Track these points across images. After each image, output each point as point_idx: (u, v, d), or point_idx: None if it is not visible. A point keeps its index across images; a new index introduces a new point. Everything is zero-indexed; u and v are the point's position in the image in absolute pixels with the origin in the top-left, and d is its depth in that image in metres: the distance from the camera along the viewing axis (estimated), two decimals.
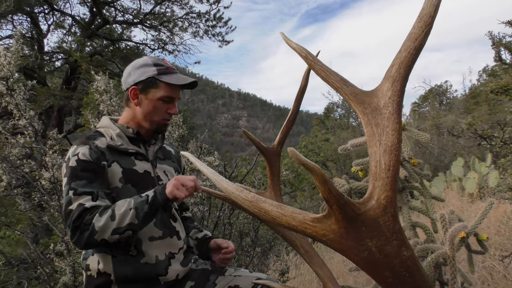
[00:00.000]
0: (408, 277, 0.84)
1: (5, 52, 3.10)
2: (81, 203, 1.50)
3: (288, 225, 0.85)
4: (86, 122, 3.78)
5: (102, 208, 1.51)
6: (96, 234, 1.47)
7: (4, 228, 4.70)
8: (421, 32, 0.86)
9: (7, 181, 3.37)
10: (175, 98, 1.78)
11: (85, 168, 1.57)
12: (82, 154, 1.59)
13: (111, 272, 1.63)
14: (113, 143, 1.68)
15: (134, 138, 1.77)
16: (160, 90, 1.72)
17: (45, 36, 10.69)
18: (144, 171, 1.73)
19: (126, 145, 1.72)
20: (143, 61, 1.78)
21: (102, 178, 1.60)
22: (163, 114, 1.76)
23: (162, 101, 1.74)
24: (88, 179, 1.56)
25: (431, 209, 2.12)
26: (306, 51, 1.00)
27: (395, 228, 0.83)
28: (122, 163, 1.67)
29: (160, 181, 1.78)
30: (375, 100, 0.92)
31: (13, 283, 3.93)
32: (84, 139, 1.67)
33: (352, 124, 21.25)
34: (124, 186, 1.66)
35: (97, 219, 1.47)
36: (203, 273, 1.85)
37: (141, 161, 1.75)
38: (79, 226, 1.48)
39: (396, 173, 0.85)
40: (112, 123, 1.77)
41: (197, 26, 12.07)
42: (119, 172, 1.65)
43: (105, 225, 1.47)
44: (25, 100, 3.30)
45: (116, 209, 1.50)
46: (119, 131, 1.73)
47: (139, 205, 1.52)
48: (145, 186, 1.71)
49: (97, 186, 1.57)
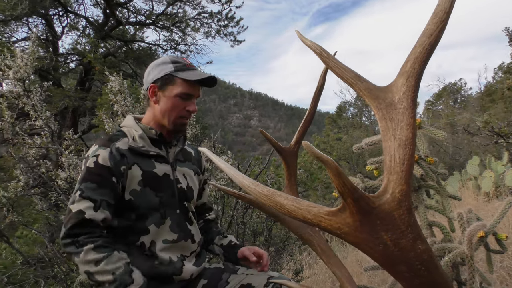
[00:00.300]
0: (424, 271, 0.84)
1: (21, 54, 3.16)
2: (82, 210, 1.51)
3: (303, 219, 0.85)
4: (100, 122, 3.82)
5: (100, 243, 1.50)
6: (76, 258, 1.48)
7: (21, 228, 4.78)
8: (436, 27, 0.86)
9: (24, 181, 3.44)
10: (193, 95, 1.76)
11: (100, 173, 1.58)
12: (101, 158, 1.60)
13: None
14: (134, 145, 1.68)
15: (156, 140, 1.77)
16: (177, 87, 1.72)
17: (60, 38, 10.86)
18: (163, 173, 1.73)
19: (148, 147, 1.72)
20: (161, 59, 1.79)
21: (113, 186, 1.60)
22: (181, 111, 1.75)
23: (180, 98, 1.72)
24: (99, 183, 1.57)
25: (448, 208, 2.08)
26: (321, 48, 1.00)
27: (410, 221, 0.83)
28: (142, 165, 1.68)
29: (178, 184, 1.78)
30: (389, 95, 0.92)
31: (30, 282, 3.99)
32: (107, 140, 1.67)
33: (365, 123, 21.13)
34: (142, 189, 1.66)
35: (88, 252, 1.47)
36: (216, 272, 1.87)
37: (161, 163, 1.74)
38: (73, 241, 1.48)
39: (410, 167, 0.85)
40: (136, 123, 1.76)
41: (209, 26, 12.14)
42: (138, 175, 1.66)
43: (88, 262, 1.47)
44: (42, 101, 3.36)
45: (105, 261, 1.48)
46: (142, 132, 1.72)
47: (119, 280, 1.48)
48: (163, 189, 1.72)
49: (104, 194, 1.57)
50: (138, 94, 4.09)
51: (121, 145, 1.66)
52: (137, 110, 3.48)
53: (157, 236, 1.69)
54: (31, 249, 4.44)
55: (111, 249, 1.52)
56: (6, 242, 3.66)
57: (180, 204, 1.78)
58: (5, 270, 4.13)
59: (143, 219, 1.67)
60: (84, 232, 1.50)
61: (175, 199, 1.76)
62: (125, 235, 1.68)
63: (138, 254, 1.67)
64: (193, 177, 1.90)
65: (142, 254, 1.67)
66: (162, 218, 1.71)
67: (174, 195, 1.76)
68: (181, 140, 1.88)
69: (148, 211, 1.68)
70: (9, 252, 4.26)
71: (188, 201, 1.84)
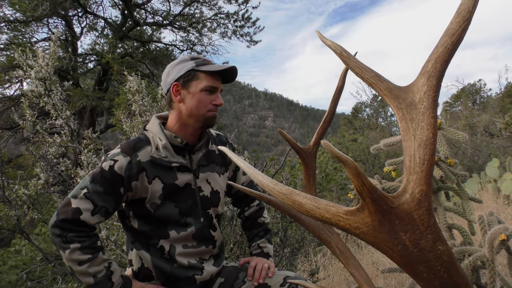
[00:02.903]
0: (444, 272, 0.83)
1: (43, 54, 3.23)
2: (80, 209, 1.52)
3: (321, 218, 0.85)
4: (118, 122, 3.88)
5: (86, 244, 1.52)
6: (62, 252, 1.51)
7: (40, 225, 4.88)
8: (459, 27, 0.85)
9: (44, 179, 3.50)
10: (217, 87, 1.72)
11: (111, 180, 1.58)
12: (118, 166, 1.58)
13: (152, 269, 1.69)
14: (157, 156, 1.65)
15: (180, 148, 1.73)
16: (201, 81, 1.68)
17: (79, 39, 11.06)
18: (184, 184, 1.71)
19: (170, 157, 1.68)
20: (180, 58, 1.76)
21: (118, 196, 1.61)
22: (209, 105, 1.70)
23: (206, 92, 1.69)
24: (106, 189, 1.57)
25: (468, 211, 2.05)
26: (341, 48, 1.00)
27: (429, 222, 0.82)
28: (164, 178, 1.66)
29: (201, 192, 1.77)
30: (410, 95, 0.91)
31: (48, 279, 4.08)
32: (131, 147, 1.65)
33: (381, 124, 20.91)
34: (162, 202, 1.67)
35: (74, 251, 1.50)
36: (233, 270, 1.88)
37: (183, 173, 1.71)
38: (61, 235, 1.51)
39: (431, 168, 0.84)
40: (161, 129, 1.71)
41: (226, 26, 12.20)
42: (159, 189, 1.65)
43: (72, 261, 1.50)
44: (62, 100, 3.42)
45: (89, 263, 1.51)
46: (166, 142, 1.68)
47: (99, 285, 1.53)
48: (184, 199, 1.72)
49: (107, 201, 1.57)
50: (155, 94, 4.13)
51: (143, 156, 1.64)
52: (154, 109, 3.51)
53: (177, 242, 1.71)
54: (49, 246, 4.53)
55: (96, 251, 1.55)
56: (26, 238, 3.74)
57: (203, 212, 1.77)
58: (24, 266, 4.23)
59: (164, 226, 1.69)
60: (74, 230, 1.52)
61: (197, 208, 1.75)
62: (145, 237, 1.71)
63: (158, 256, 1.70)
64: (218, 180, 1.86)
65: (161, 257, 1.70)
66: (183, 226, 1.71)
67: (197, 204, 1.75)
68: (204, 144, 1.82)
69: (169, 220, 1.69)
70: (29, 248, 4.36)
71: (213, 206, 1.82)
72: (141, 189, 1.63)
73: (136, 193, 1.63)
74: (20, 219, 3.41)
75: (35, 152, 3.64)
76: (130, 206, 1.70)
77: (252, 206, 2.08)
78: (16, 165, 10.00)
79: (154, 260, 1.68)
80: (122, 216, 1.76)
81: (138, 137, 1.73)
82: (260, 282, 1.79)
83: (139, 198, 1.65)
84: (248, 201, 2.08)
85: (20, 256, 4.32)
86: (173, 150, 1.70)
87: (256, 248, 2.00)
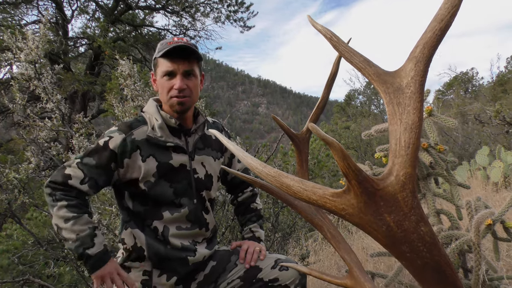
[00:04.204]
0: (426, 252, 0.86)
1: (33, 36, 3.19)
2: (71, 175, 1.59)
3: (308, 200, 0.87)
4: (110, 107, 3.85)
5: (74, 203, 1.58)
6: (51, 210, 1.58)
7: (32, 209, 4.86)
8: (447, 13, 0.86)
9: (35, 163, 3.49)
10: (174, 71, 1.69)
11: (104, 154, 1.64)
12: (113, 142, 1.65)
13: (145, 248, 1.71)
14: (153, 135, 1.70)
15: (176, 129, 1.77)
16: (160, 67, 1.72)
17: (69, 22, 10.88)
18: (179, 164, 1.75)
19: (166, 137, 1.73)
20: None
21: (109, 171, 1.66)
22: (171, 91, 1.71)
23: (166, 77, 1.70)
24: (98, 162, 1.63)
25: (456, 196, 2.08)
26: (331, 33, 1.01)
27: (413, 204, 0.85)
28: (158, 156, 1.70)
29: (195, 174, 1.80)
30: (397, 80, 0.92)
31: (40, 263, 4.09)
32: (127, 126, 1.70)
33: (374, 111, 20.97)
34: (157, 181, 1.69)
35: (61, 208, 1.57)
36: (225, 254, 1.91)
37: (179, 153, 1.75)
38: (51, 193, 1.59)
39: (416, 151, 0.86)
40: (157, 110, 1.75)
41: (219, 11, 12.06)
42: (153, 167, 1.68)
43: (58, 217, 1.57)
44: (52, 84, 3.39)
45: (74, 221, 1.56)
46: (161, 122, 1.72)
47: (80, 241, 1.57)
48: (178, 179, 1.74)
49: (97, 174, 1.63)
50: (147, 80, 4.11)
51: (138, 135, 1.69)
52: (146, 94, 3.49)
53: (170, 223, 1.73)
54: (41, 231, 4.53)
55: (82, 211, 1.60)
56: (18, 223, 3.73)
57: (197, 194, 1.80)
58: (16, 250, 4.23)
59: (158, 207, 1.72)
60: (63, 190, 1.59)
61: (192, 190, 1.78)
62: (140, 217, 1.73)
63: (152, 236, 1.72)
64: (212, 164, 1.89)
65: (155, 237, 1.72)
66: (177, 207, 1.74)
67: (191, 185, 1.78)
68: (200, 128, 1.85)
69: (163, 200, 1.72)
70: (20, 233, 4.35)
71: (207, 189, 1.85)
72: (132, 168, 1.66)
73: (127, 172, 1.67)
74: (11, 203, 3.40)
75: (26, 136, 3.62)
76: (125, 186, 1.72)
77: (245, 192, 2.11)
78: (7, 150, 9.94)
79: (148, 240, 1.71)
80: (118, 196, 1.79)
81: (136, 118, 1.78)
82: (251, 265, 1.82)
83: (132, 178, 1.68)
84: (242, 188, 2.11)
85: (12, 240, 4.32)
86: (169, 131, 1.74)
87: (248, 232, 2.03)
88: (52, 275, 3.75)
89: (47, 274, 3.73)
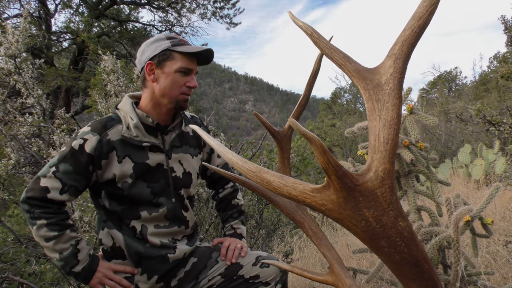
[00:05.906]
0: (404, 247, 0.87)
1: (13, 30, 3.12)
2: (48, 188, 1.54)
3: (289, 195, 0.87)
4: (93, 103, 3.80)
5: (53, 221, 1.55)
6: (30, 227, 1.55)
7: (13, 207, 4.78)
8: (425, 11, 0.87)
9: (15, 159, 3.42)
10: (192, 69, 1.70)
11: (80, 158, 1.58)
12: (88, 145, 1.59)
13: (124, 248, 1.69)
14: (127, 135, 1.64)
15: (152, 127, 1.72)
16: (176, 62, 1.66)
17: (53, 16, 10.66)
18: (156, 164, 1.71)
19: (141, 137, 1.67)
20: (156, 37, 1.73)
21: (88, 175, 1.61)
22: (182, 87, 1.69)
23: (180, 73, 1.67)
24: (75, 168, 1.57)
25: (436, 193, 2.12)
26: (312, 29, 1.01)
27: (391, 199, 0.86)
28: (134, 157, 1.66)
29: (173, 173, 1.77)
30: (377, 76, 0.93)
31: (21, 261, 4.02)
32: (101, 126, 1.64)
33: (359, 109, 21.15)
34: (134, 181, 1.66)
35: (41, 227, 1.54)
36: (206, 250, 1.90)
37: (155, 153, 1.71)
38: (29, 211, 1.54)
39: (394, 147, 0.86)
40: (133, 109, 1.69)
41: (205, 7, 11.98)
42: (130, 168, 1.64)
43: (39, 236, 1.55)
44: (33, 78, 3.33)
45: (55, 240, 1.55)
46: (137, 121, 1.66)
47: (64, 261, 1.57)
48: (156, 179, 1.71)
49: (77, 180, 1.59)
50: (131, 75, 4.06)
51: (113, 135, 1.63)
52: (130, 90, 3.45)
53: (148, 222, 1.71)
54: (22, 228, 4.45)
55: (63, 228, 1.57)
56: None
57: (175, 193, 1.78)
58: None
59: (135, 206, 1.69)
60: (41, 206, 1.54)
61: (169, 189, 1.76)
62: (117, 216, 1.70)
63: (130, 235, 1.70)
64: (191, 161, 1.86)
65: (134, 236, 1.70)
66: (155, 206, 1.71)
67: (169, 184, 1.75)
68: (177, 125, 1.81)
69: (140, 200, 1.69)
70: (0, 230, 4.27)
71: (185, 187, 1.83)
72: (110, 168, 1.62)
73: (105, 172, 1.63)
74: None
75: (6, 132, 3.55)
76: (102, 185, 1.68)
77: (226, 188, 2.09)
78: None
79: (127, 240, 1.68)
80: (94, 195, 1.74)
81: (110, 116, 1.71)
82: (232, 262, 1.82)
83: (109, 179, 1.63)
84: (223, 183, 2.09)
85: None
86: (145, 130, 1.69)
87: (230, 229, 2.02)
88: (34, 273, 3.69)
89: (29, 272, 3.67)
